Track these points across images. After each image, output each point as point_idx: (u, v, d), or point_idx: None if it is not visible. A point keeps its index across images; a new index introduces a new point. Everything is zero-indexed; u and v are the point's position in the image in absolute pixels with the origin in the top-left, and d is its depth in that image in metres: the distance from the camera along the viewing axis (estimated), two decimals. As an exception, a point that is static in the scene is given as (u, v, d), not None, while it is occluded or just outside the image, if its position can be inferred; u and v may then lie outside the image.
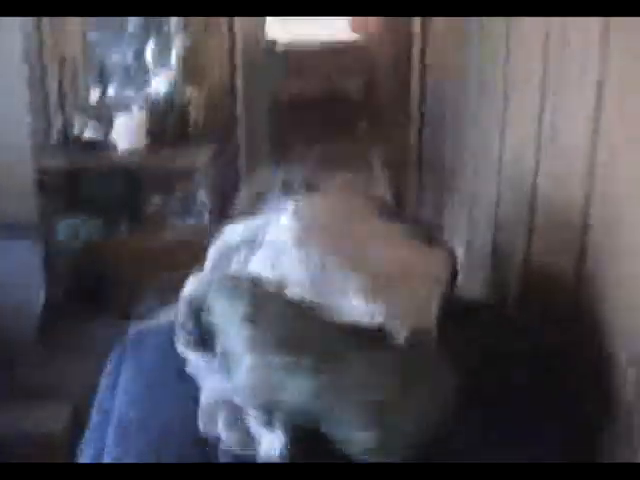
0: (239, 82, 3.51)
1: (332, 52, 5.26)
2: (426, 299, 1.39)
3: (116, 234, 3.29)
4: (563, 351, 1.51)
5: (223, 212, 3.35)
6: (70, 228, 3.34)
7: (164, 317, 1.98)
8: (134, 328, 2.09)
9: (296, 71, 5.05)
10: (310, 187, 1.67)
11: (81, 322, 3.26)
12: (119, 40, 3.61)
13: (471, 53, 2.66)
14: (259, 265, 1.43)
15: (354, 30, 5.58)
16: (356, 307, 1.31)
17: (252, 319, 1.31)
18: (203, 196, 3.21)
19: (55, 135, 3.45)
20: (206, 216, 3.19)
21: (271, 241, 1.45)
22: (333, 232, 1.44)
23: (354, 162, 4.91)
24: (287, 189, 1.65)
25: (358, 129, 5.00)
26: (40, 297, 3.37)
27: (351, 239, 1.44)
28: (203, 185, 3.22)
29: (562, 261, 1.68)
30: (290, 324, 1.32)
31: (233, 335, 1.33)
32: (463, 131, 2.82)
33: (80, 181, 3.38)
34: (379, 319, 1.30)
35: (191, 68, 3.41)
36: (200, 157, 3.21)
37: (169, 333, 1.65)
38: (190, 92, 3.34)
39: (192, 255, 3.00)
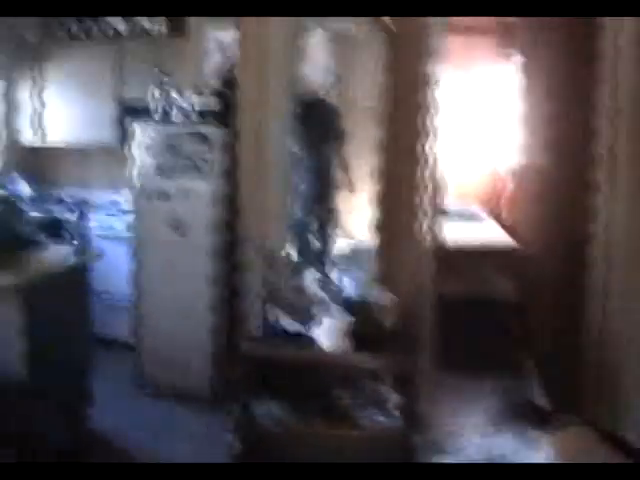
0: (426, 285, 3.82)
1: (491, 254, 5.56)
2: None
3: (304, 422, 3.54)
4: None
5: (412, 411, 3.61)
6: (261, 411, 3.62)
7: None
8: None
9: (457, 270, 5.36)
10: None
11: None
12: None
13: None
14: None
15: (512, 235, 5.89)
16: None
17: None
18: (392, 396, 3.46)
19: (255, 323, 3.83)
20: (396, 415, 3.42)
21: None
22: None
23: (508, 365, 5.13)
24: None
25: (512, 331, 5.20)
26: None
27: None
28: (391, 385, 3.49)
29: None
30: None
31: None
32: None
33: (274, 367, 3.69)
34: None
35: (382, 270, 3.77)
36: (387, 358, 3.48)
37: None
38: (380, 294, 3.67)
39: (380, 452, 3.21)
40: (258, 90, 4.15)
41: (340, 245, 4.16)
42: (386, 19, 3.80)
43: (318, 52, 4.08)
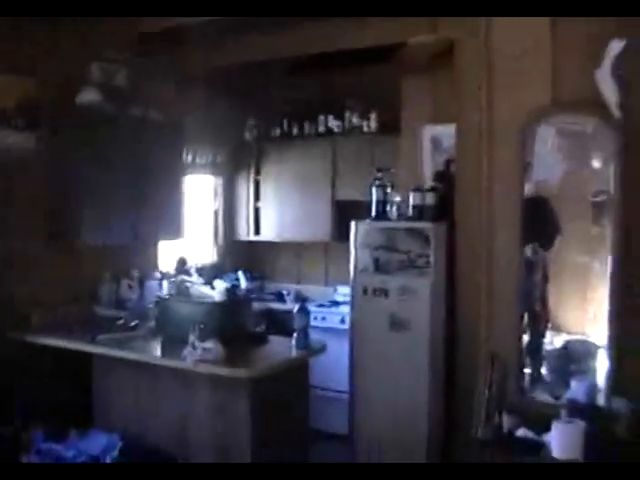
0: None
1: None
2: None
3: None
4: None
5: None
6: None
7: None
8: None
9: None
10: None
11: None
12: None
13: None
14: None
15: None
16: None
17: None
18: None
19: (477, 425, 3.68)
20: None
21: None
22: None
23: None
24: None
25: None
26: None
27: None
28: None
29: None
30: None
31: None
32: None
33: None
34: None
35: (619, 378, 3.51)
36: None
37: None
38: (617, 404, 3.41)
39: None
40: (477, 183, 4.13)
41: (560, 343, 3.95)
42: (613, 109, 3.65)
43: (541, 146, 4.00)
